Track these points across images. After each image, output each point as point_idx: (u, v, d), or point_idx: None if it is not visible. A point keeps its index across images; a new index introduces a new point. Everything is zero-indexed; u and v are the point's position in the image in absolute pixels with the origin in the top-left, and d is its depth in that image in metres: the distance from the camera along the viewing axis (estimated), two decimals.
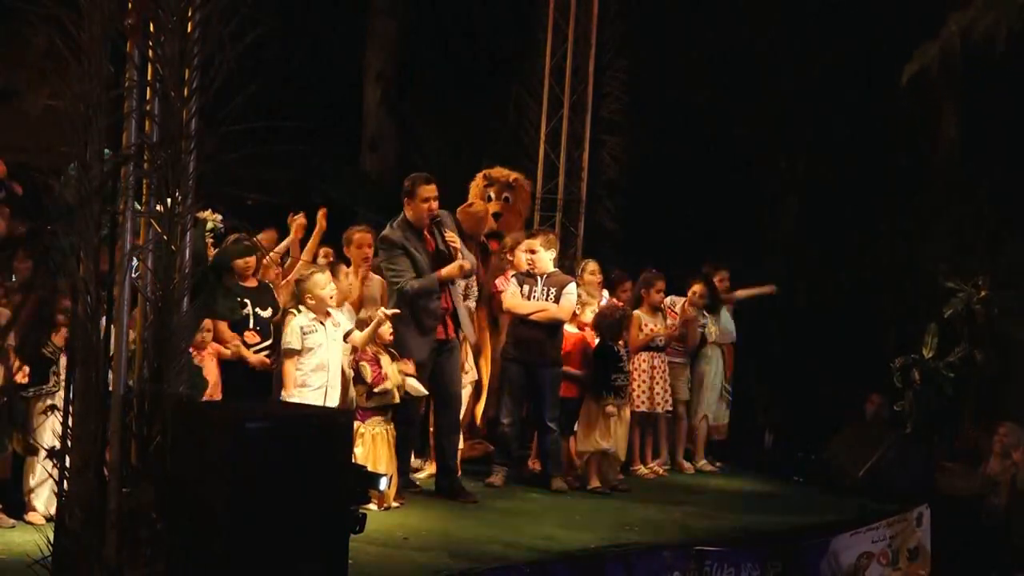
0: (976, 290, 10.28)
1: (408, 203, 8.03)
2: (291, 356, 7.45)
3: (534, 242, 8.67)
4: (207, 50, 5.24)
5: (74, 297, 5.35)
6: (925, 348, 10.31)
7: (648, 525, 7.76)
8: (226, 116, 5.20)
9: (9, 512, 6.59)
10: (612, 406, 8.61)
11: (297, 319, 7.49)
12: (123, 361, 5.30)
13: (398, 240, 7.96)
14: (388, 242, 8.01)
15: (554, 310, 8.52)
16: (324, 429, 5.37)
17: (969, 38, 10.65)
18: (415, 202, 7.99)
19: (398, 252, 7.95)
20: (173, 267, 5.31)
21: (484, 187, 9.86)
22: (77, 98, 5.25)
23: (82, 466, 5.28)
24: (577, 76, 11.51)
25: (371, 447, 7.43)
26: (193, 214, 5.38)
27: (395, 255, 7.96)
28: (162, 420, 5.22)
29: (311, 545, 5.12)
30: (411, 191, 8.02)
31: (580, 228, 11.49)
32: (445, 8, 14.29)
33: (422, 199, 7.98)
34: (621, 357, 8.72)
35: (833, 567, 7.81)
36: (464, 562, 6.45)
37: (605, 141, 11.77)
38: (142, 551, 5.15)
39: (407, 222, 8.03)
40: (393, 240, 7.98)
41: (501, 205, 9.80)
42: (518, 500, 8.24)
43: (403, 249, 7.94)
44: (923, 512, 8.60)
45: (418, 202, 7.99)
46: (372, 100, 14.60)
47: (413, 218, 8.01)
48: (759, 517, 8.41)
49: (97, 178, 5.24)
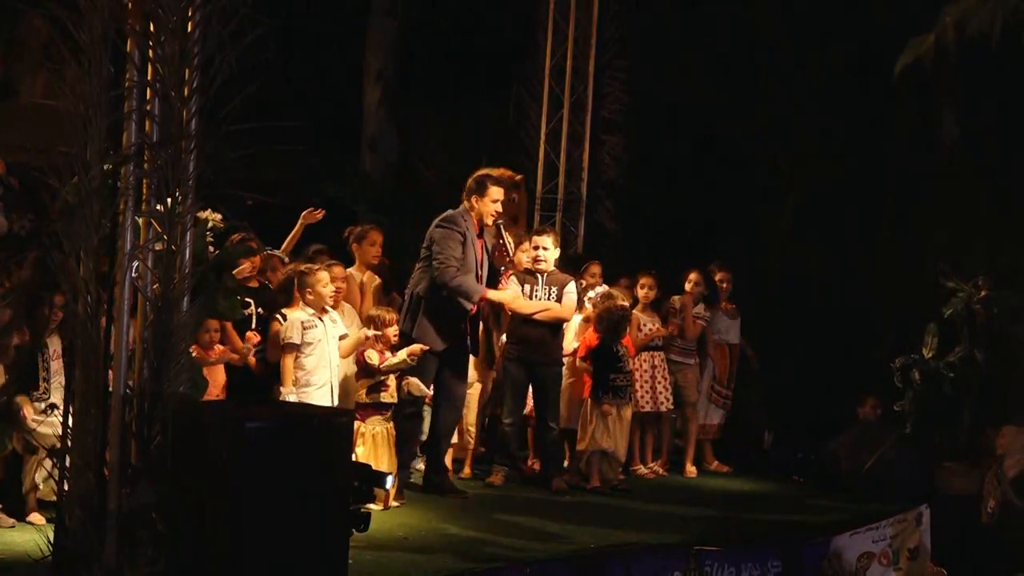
0: (976, 290, 10.26)
1: (476, 200, 7.95)
2: (291, 351, 7.38)
3: (545, 239, 8.65)
4: (207, 50, 5.25)
5: (74, 297, 5.35)
6: (925, 348, 10.30)
7: (648, 525, 7.75)
8: (226, 116, 5.20)
9: (9, 512, 6.59)
10: (609, 406, 8.62)
11: (297, 313, 7.45)
12: (123, 361, 5.30)
13: (463, 227, 7.89)
14: (452, 223, 7.88)
15: (557, 309, 8.52)
16: (324, 429, 5.37)
17: (964, 32, 10.64)
18: (484, 200, 7.94)
19: (459, 237, 7.86)
20: (173, 267, 5.32)
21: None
22: (77, 98, 5.26)
23: (82, 466, 5.28)
24: (577, 76, 11.52)
25: (371, 446, 7.44)
26: (193, 214, 5.39)
27: (454, 238, 7.84)
28: (162, 420, 5.22)
29: (311, 545, 5.12)
30: (481, 189, 7.96)
31: (580, 228, 11.50)
32: (445, 8, 14.29)
33: (492, 199, 7.95)
34: (620, 357, 8.72)
35: (834, 567, 7.80)
36: (464, 562, 6.46)
37: (605, 141, 11.78)
38: (142, 551, 5.15)
39: (469, 215, 7.97)
40: (458, 223, 7.88)
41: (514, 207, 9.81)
42: (518, 500, 8.24)
43: (464, 237, 7.87)
44: (923, 512, 8.60)
45: (488, 202, 7.94)
46: (372, 100, 14.60)
47: (476, 214, 7.99)
48: (759, 517, 8.41)
49: (97, 178, 5.24)
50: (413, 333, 7.82)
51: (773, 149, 12.68)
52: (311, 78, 13.45)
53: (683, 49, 12.67)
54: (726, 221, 12.49)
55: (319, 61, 13.76)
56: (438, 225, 7.94)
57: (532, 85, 11.84)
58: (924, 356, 10.26)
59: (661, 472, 9.60)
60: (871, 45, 11.95)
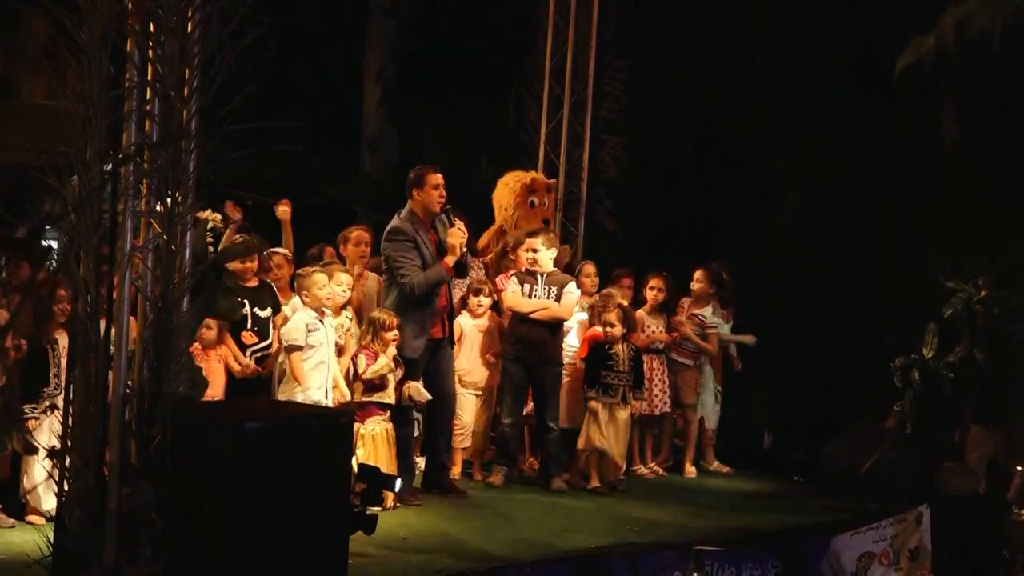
0: (976, 290, 10.25)
1: (417, 193, 7.94)
2: (296, 351, 7.38)
3: (535, 241, 8.67)
4: (207, 50, 5.25)
5: (74, 297, 5.35)
6: (925, 348, 10.28)
7: (648, 525, 7.76)
8: (226, 116, 5.20)
9: (9, 512, 6.59)
10: (595, 402, 8.61)
11: (301, 315, 7.46)
12: (123, 361, 5.30)
13: (409, 232, 7.87)
14: (399, 232, 7.86)
15: (556, 309, 8.52)
16: (324, 429, 5.37)
17: (965, 33, 10.64)
18: (425, 190, 7.91)
19: (409, 244, 7.84)
20: (173, 267, 5.32)
21: (528, 193, 9.81)
22: (77, 98, 5.26)
23: (82, 466, 5.28)
24: (577, 76, 11.50)
25: (372, 447, 7.45)
26: (193, 214, 5.39)
27: (406, 247, 7.83)
28: (162, 420, 5.22)
29: (311, 545, 5.12)
30: (420, 180, 7.94)
31: (580, 228, 11.49)
32: (445, 8, 14.29)
33: (432, 186, 7.91)
34: (611, 356, 8.71)
35: (835, 567, 7.80)
36: (464, 562, 6.46)
37: (605, 141, 11.76)
38: (142, 551, 5.15)
39: (414, 214, 7.95)
40: (405, 231, 7.86)
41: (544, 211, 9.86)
42: (518, 500, 8.24)
43: (413, 242, 7.86)
44: (923, 512, 8.59)
45: (428, 189, 7.91)
46: (372, 100, 14.61)
47: (421, 208, 7.94)
48: (759, 517, 8.40)
49: (97, 178, 5.24)
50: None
51: (773, 149, 12.66)
52: (311, 78, 13.44)
53: (683, 49, 12.66)
54: (726, 221, 12.48)
55: (319, 61, 13.76)
56: (386, 240, 7.92)
57: (532, 85, 11.83)
58: (924, 356, 10.24)
59: (661, 472, 9.60)
60: (871, 45, 11.94)
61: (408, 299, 7.81)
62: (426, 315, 7.89)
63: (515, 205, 9.74)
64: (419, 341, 7.87)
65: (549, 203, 10.01)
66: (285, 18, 5.54)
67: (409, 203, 7.99)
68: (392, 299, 7.89)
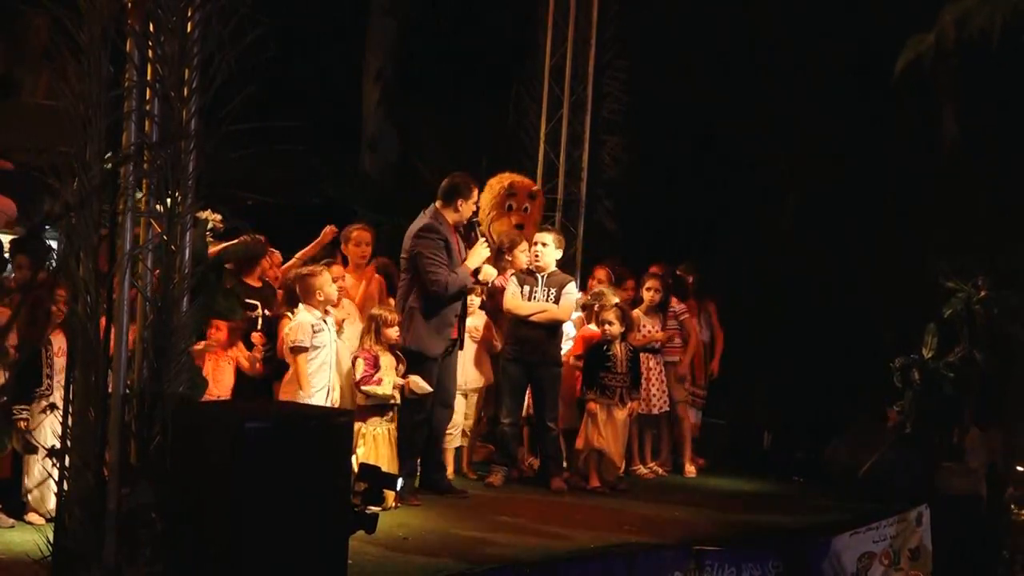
0: (976, 290, 10.25)
1: (459, 202, 7.96)
2: (301, 353, 7.34)
3: (546, 235, 8.67)
4: (207, 50, 5.24)
5: (74, 297, 5.35)
6: (925, 348, 10.29)
7: (648, 525, 7.75)
8: (226, 116, 5.20)
9: (9, 512, 6.59)
10: (593, 403, 8.62)
11: (306, 316, 7.43)
12: (123, 361, 5.30)
13: (442, 232, 7.92)
14: (432, 231, 7.88)
15: (554, 310, 8.53)
16: (324, 429, 5.37)
17: (964, 32, 10.64)
18: (467, 203, 8.00)
19: (441, 243, 7.87)
20: (173, 267, 5.32)
21: (505, 196, 9.80)
22: (77, 98, 5.25)
23: (82, 466, 5.28)
24: (577, 76, 11.50)
25: (372, 447, 7.44)
26: (193, 214, 5.38)
27: (438, 245, 7.86)
28: (162, 420, 5.22)
29: (311, 545, 5.12)
30: (465, 192, 7.99)
31: (580, 228, 11.49)
32: (445, 8, 14.29)
33: (475, 201, 8.06)
34: (609, 357, 8.71)
35: (835, 567, 7.80)
36: (464, 562, 6.45)
37: (605, 141, 11.76)
38: (142, 551, 5.15)
39: (442, 216, 7.98)
40: (438, 230, 7.90)
41: (522, 216, 9.80)
42: (518, 500, 8.24)
43: (445, 241, 7.89)
44: (923, 512, 8.60)
45: (471, 204, 8.02)
46: (372, 100, 14.60)
47: (454, 217, 8.00)
48: (759, 517, 8.41)
49: (97, 178, 5.24)
50: (411, 344, 7.81)
51: (773, 149, 12.68)
52: (311, 78, 13.44)
53: (683, 49, 12.67)
54: (726, 221, 12.50)
55: (319, 61, 13.76)
56: (419, 236, 7.90)
57: (532, 85, 11.82)
58: (924, 356, 10.24)
59: (661, 472, 9.60)
60: (871, 45, 11.95)
61: (433, 298, 7.82)
62: (450, 314, 7.92)
63: (492, 207, 9.73)
64: (439, 339, 7.89)
65: (533, 209, 9.90)
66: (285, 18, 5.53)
67: (440, 206, 7.98)
68: (414, 296, 7.89)
